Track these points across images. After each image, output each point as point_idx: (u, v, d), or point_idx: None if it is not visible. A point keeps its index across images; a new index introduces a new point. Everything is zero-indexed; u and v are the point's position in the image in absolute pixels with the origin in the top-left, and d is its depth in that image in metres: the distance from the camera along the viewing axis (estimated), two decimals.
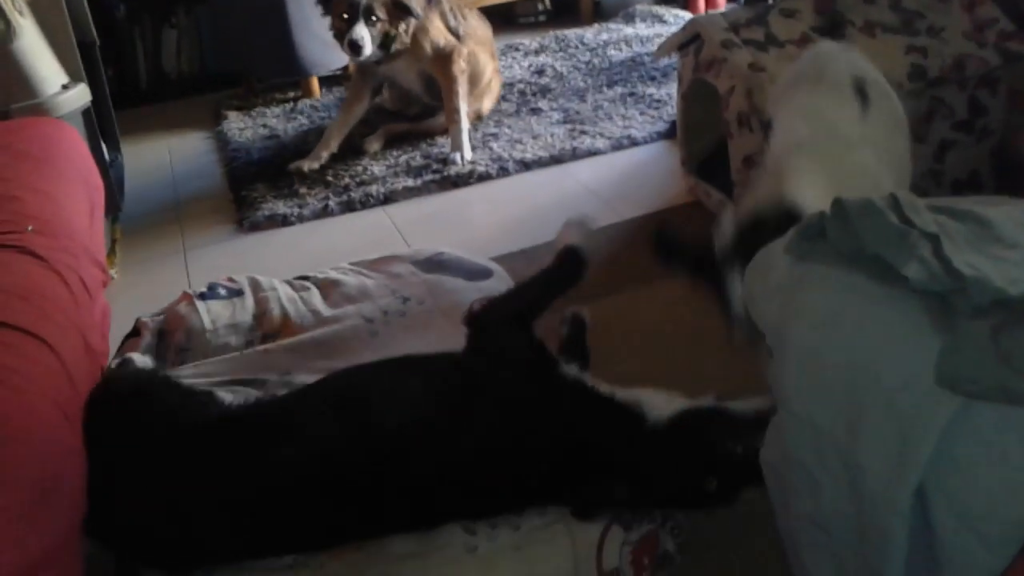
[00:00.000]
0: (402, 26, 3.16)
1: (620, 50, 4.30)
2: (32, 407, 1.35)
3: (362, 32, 3.07)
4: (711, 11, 4.73)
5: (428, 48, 3.26)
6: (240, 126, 3.83)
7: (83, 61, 2.77)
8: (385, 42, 3.16)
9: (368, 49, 3.09)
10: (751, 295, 1.13)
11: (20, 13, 2.49)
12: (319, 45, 3.90)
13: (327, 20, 3.28)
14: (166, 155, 3.72)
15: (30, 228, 1.79)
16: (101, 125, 3.01)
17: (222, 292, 2.05)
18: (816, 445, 0.98)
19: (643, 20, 4.70)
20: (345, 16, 3.10)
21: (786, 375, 1.01)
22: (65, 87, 2.59)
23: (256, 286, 2.05)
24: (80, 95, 2.64)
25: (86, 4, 3.02)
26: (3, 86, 2.44)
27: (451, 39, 3.32)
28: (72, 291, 1.72)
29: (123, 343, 1.89)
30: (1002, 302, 0.84)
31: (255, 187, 3.19)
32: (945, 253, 0.88)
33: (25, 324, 1.47)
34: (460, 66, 3.31)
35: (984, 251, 0.91)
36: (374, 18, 3.09)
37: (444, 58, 3.29)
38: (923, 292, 0.90)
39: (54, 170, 2.08)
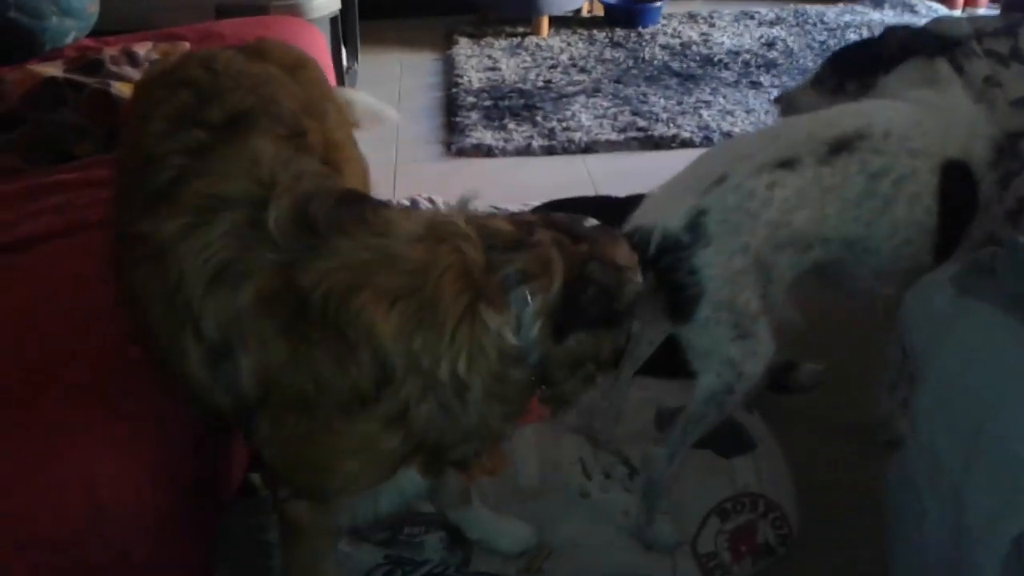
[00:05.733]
0: None
1: (860, 35, 4.10)
2: None
3: None
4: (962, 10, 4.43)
5: None
6: (468, 53, 4.01)
7: None
8: None
9: None
10: (907, 316, 1.14)
11: None
12: None
13: None
14: (397, 69, 3.95)
15: None
16: (345, 33, 3.26)
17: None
18: (931, 472, 0.99)
19: (893, 7, 4.45)
20: None
21: (921, 400, 1.02)
22: None
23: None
24: (332, 2, 2.88)
25: None
26: None
27: None
28: None
29: None
30: None
31: (469, 115, 3.36)
32: None
33: None
34: None
35: None
36: None
37: None
38: None
39: None
